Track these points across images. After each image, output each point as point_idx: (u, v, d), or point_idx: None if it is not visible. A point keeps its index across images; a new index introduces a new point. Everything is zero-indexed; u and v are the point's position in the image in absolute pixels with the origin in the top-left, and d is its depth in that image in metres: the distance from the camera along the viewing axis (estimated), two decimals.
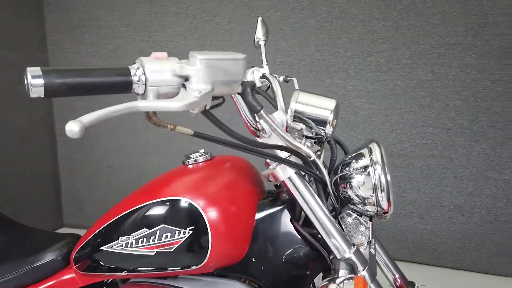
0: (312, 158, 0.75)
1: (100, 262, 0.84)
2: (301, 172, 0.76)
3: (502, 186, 2.07)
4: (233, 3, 2.26)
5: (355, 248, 0.74)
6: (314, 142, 0.78)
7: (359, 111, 2.19)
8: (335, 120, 0.76)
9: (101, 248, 0.81)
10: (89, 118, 0.51)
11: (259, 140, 0.77)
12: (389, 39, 2.09)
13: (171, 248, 0.75)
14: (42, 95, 0.52)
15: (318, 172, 0.77)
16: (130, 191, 2.84)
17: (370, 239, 0.78)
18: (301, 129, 0.79)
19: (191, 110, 0.60)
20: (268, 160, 0.82)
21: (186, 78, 0.60)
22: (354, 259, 0.73)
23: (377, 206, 0.73)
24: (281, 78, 0.99)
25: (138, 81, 0.58)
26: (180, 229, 0.74)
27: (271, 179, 0.76)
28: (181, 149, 2.50)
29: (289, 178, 0.74)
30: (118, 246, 0.78)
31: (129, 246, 0.77)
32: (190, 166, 0.86)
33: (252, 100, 0.67)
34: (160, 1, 2.36)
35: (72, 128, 0.48)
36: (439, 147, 2.11)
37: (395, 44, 2.09)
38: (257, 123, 0.75)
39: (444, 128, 2.09)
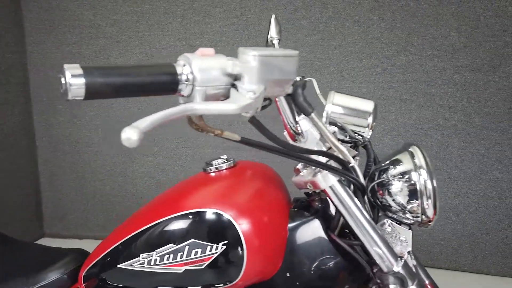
0: (351, 164, 0.70)
1: (115, 281, 0.76)
2: (342, 179, 0.71)
3: (495, 187, 2.08)
4: (225, 3, 2.19)
5: (403, 261, 0.69)
6: (350, 146, 0.73)
7: None
8: (374, 123, 0.71)
9: (118, 265, 0.74)
10: (145, 123, 0.44)
11: (295, 144, 0.72)
12: (384, 41, 2.08)
13: (201, 265, 0.68)
14: (82, 97, 0.45)
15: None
16: (115, 198, 2.73)
17: (411, 248, 0.74)
18: (334, 132, 0.74)
19: (244, 113, 0.53)
20: (298, 166, 0.77)
21: (236, 77, 0.54)
22: (403, 272, 0.68)
23: (422, 214, 0.69)
24: (298, 79, 0.94)
25: (186, 80, 0.51)
26: (212, 244, 0.68)
27: (309, 187, 0.71)
28: (169, 155, 2.42)
29: (331, 187, 0.69)
30: (139, 264, 0.71)
31: (152, 263, 0.70)
32: (213, 174, 0.79)
33: (304, 101, 0.61)
34: (147, 0, 2.27)
35: (130, 136, 0.41)
36: (434, 148, 2.11)
37: (389, 46, 2.08)
38: (297, 126, 0.69)
39: (438, 129, 2.10)
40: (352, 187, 0.73)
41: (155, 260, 0.70)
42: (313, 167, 0.73)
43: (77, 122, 2.47)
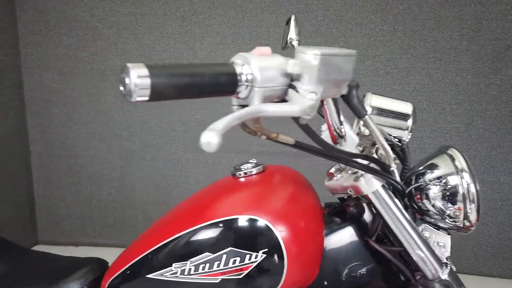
0: (392, 168, 0.68)
1: None
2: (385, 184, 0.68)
3: (497, 189, 2.09)
4: (225, 5, 2.17)
5: (448, 268, 0.67)
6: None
7: None
8: (414, 126, 0.69)
9: (147, 275, 0.70)
10: (221, 125, 0.41)
11: (341, 148, 0.70)
12: (386, 43, 2.08)
13: (240, 275, 0.65)
14: (147, 99, 0.42)
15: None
16: (112, 203, 2.66)
17: (449, 254, 0.72)
18: (369, 134, 0.72)
19: (305, 116, 0.51)
20: (332, 171, 0.75)
21: (293, 78, 0.51)
22: (450, 279, 0.66)
23: (464, 219, 0.67)
24: None
25: (246, 81, 0.48)
26: (251, 253, 0.65)
27: (349, 192, 0.69)
28: (168, 159, 2.38)
29: (375, 192, 0.66)
30: (171, 274, 0.68)
31: (186, 273, 0.67)
32: (242, 179, 0.76)
33: (358, 103, 0.59)
34: (146, 2, 2.23)
35: (210, 139, 0.38)
36: None
37: (392, 48, 2.08)
38: (341, 128, 0.67)
39: (441, 132, 2.10)
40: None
41: (189, 269, 0.66)
42: (351, 172, 0.71)
43: (73, 126, 2.41)
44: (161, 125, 2.34)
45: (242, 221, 0.66)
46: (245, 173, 0.77)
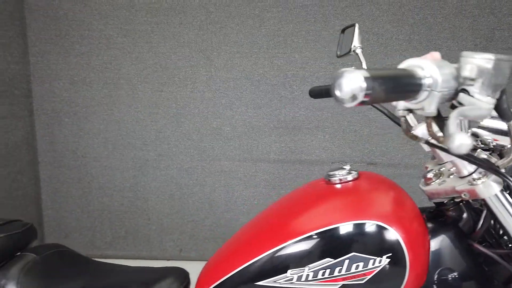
0: (504, 171, 0.69)
1: None
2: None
3: None
4: (243, 14, 2.18)
5: None
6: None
7: (373, 123, 2.19)
8: None
9: (257, 283, 0.69)
10: (453, 128, 0.42)
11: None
12: (402, 52, 2.13)
13: (362, 280, 0.65)
14: (360, 104, 0.42)
15: None
16: (125, 214, 2.59)
17: None
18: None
19: (480, 120, 0.52)
20: (430, 176, 0.76)
21: (461, 82, 0.53)
22: None
23: None
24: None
25: (428, 86, 0.49)
26: (375, 257, 0.65)
27: (464, 196, 0.69)
28: (183, 168, 2.36)
29: (493, 196, 0.68)
30: (285, 280, 0.67)
31: (303, 279, 0.66)
32: (339, 185, 0.76)
33: (507, 108, 0.61)
34: (162, 11, 2.22)
35: (463, 141, 0.39)
36: None
37: (408, 57, 2.12)
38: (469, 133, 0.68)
39: None
40: None
41: (307, 275, 0.66)
42: (454, 176, 0.72)
43: (85, 135, 2.36)
44: (175, 134, 2.32)
45: (363, 226, 0.66)
46: (340, 180, 0.77)
